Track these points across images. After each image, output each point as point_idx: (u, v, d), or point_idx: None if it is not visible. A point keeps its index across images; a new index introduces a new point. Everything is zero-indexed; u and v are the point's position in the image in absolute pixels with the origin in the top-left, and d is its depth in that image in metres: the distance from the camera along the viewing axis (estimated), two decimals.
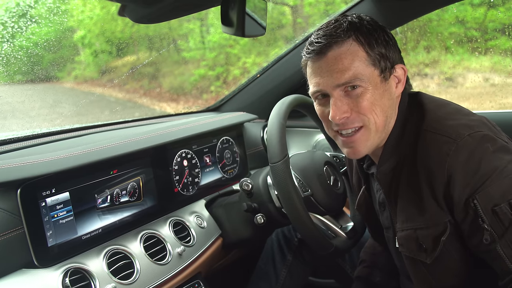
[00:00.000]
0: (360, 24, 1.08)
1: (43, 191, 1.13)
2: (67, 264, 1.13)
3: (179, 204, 1.52)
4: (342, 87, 1.07)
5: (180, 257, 1.36)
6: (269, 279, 1.65)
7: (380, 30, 1.10)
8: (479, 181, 0.98)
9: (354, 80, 1.05)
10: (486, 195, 0.98)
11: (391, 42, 1.10)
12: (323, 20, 2.04)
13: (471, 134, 1.00)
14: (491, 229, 0.98)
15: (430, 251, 1.09)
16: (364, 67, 1.06)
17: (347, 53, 1.06)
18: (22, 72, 2.05)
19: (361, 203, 1.34)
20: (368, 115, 1.08)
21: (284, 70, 2.07)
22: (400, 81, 1.12)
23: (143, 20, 1.03)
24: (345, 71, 1.05)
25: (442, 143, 1.02)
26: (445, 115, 1.07)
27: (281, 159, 1.25)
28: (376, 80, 1.07)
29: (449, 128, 1.03)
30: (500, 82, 2.78)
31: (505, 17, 2.74)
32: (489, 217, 0.98)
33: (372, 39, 1.07)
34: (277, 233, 1.71)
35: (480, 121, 1.05)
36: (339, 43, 1.07)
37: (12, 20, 2.06)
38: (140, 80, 4.97)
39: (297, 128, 2.18)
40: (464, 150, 0.99)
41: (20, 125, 2.02)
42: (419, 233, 1.10)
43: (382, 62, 1.08)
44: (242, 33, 1.05)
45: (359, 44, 1.06)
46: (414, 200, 1.09)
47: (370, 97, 1.06)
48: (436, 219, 1.06)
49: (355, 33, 1.07)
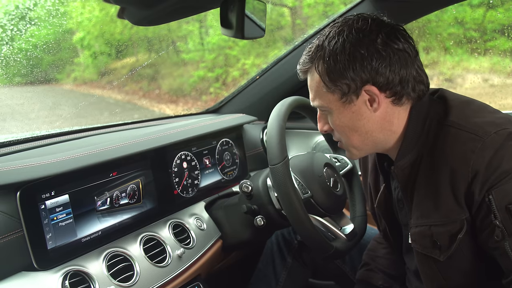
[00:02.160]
0: (324, 49, 1.08)
1: (43, 194, 1.12)
2: (66, 266, 1.13)
3: (178, 206, 1.52)
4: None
5: (180, 259, 1.36)
6: (268, 281, 1.65)
7: (350, 48, 1.04)
8: (498, 178, 0.97)
9: (318, 105, 1.15)
10: (502, 191, 0.97)
11: (360, 62, 1.04)
12: (322, 21, 2.04)
13: (498, 132, 0.99)
14: (503, 226, 0.98)
15: (445, 248, 1.09)
16: (322, 93, 1.11)
17: (311, 80, 1.14)
18: (21, 74, 2.05)
19: (381, 201, 1.32)
20: (340, 136, 1.17)
21: (283, 72, 2.07)
22: (374, 99, 1.07)
23: (142, 22, 1.03)
24: (312, 94, 1.15)
25: (468, 140, 1.01)
26: (471, 112, 1.06)
27: (280, 161, 1.24)
28: (337, 104, 1.10)
29: (475, 126, 1.02)
30: (499, 83, 2.78)
31: (504, 17, 2.74)
32: (502, 214, 0.97)
33: (331, 66, 1.06)
34: (277, 235, 1.71)
35: (506, 119, 1.04)
36: (307, 70, 1.15)
37: (11, 23, 2.07)
38: (139, 82, 4.97)
39: (297, 129, 2.18)
40: (490, 148, 0.98)
41: (19, 127, 2.02)
42: (434, 229, 1.09)
43: (344, 87, 1.06)
44: (241, 35, 1.06)
45: (318, 72, 1.10)
46: (432, 196, 1.08)
47: (336, 120, 1.13)
48: (453, 216, 1.05)
49: (317, 61, 1.10)
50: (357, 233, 1.44)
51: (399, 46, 1.05)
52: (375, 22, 1.07)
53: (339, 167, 1.53)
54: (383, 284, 1.44)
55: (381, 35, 1.04)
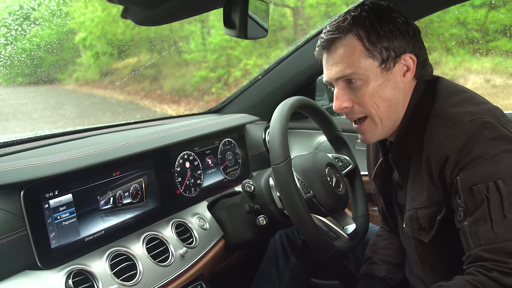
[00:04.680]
0: (364, 18, 1.14)
1: (46, 193, 1.13)
2: (70, 265, 1.13)
3: (181, 205, 1.53)
4: (342, 79, 1.17)
5: (183, 259, 1.36)
6: (272, 281, 1.65)
7: (387, 21, 1.13)
8: (468, 162, 1.01)
9: (350, 74, 1.14)
10: (468, 173, 1.01)
11: (397, 32, 1.13)
12: (324, 21, 2.05)
13: (472, 120, 1.04)
14: (464, 206, 1.01)
15: (427, 230, 1.13)
16: (361, 60, 1.13)
17: (345, 48, 1.14)
18: (24, 74, 2.06)
19: (378, 174, 1.37)
20: (368, 107, 1.16)
21: (285, 72, 2.07)
22: (409, 69, 1.16)
23: (145, 23, 1.03)
24: (342, 65, 1.15)
25: (444, 127, 1.07)
26: (453, 103, 1.11)
27: (283, 160, 1.25)
28: (375, 71, 1.14)
29: (454, 114, 1.07)
30: (501, 83, 2.79)
31: (506, 18, 2.74)
32: (466, 195, 1.01)
33: (373, 33, 1.13)
34: (280, 235, 1.71)
35: (487, 110, 1.07)
36: (340, 38, 1.15)
37: (15, 23, 2.07)
38: (142, 82, 4.98)
39: (299, 129, 2.18)
40: (462, 134, 1.03)
41: (22, 127, 2.03)
42: (419, 212, 1.14)
43: (384, 53, 1.13)
44: (244, 35, 1.06)
45: (358, 39, 1.13)
46: (418, 181, 1.14)
47: (369, 89, 1.14)
48: (433, 199, 1.10)
49: (356, 28, 1.14)
50: (359, 232, 1.44)
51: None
52: (392, 7, 1.19)
53: (341, 167, 1.54)
54: (386, 274, 1.44)
55: (404, 18, 1.17)
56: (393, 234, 1.47)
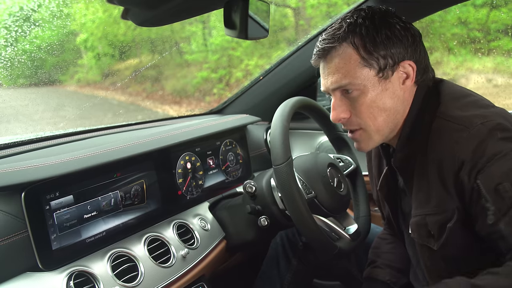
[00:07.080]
0: (359, 25, 1.11)
1: (47, 195, 1.13)
2: (71, 267, 1.13)
3: (182, 206, 1.52)
4: (338, 90, 1.15)
5: (184, 260, 1.36)
6: (273, 283, 1.64)
7: (384, 27, 1.10)
8: (484, 163, 0.99)
9: (347, 85, 1.12)
10: (487, 174, 0.98)
11: (395, 39, 1.10)
12: (326, 22, 2.05)
13: (484, 123, 1.01)
14: (494, 208, 0.98)
15: (436, 237, 1.10)
16: (357, 70, 1.10)
17: (341, 57, 1.12)
18: (25, 75, 2.06)
19: (383, 184, 1.34)
20: (365, 119, 1.14)
21: (287, 72, 2.07)
22: (408, 76, 1.13)
23: (146, 23, 1.03)
24: (338, 75, 1.12)
25: (454, 131, 1.03)
26: (460, 106, 1.09)
27: (284, 161, 1.24)
28: (372, 81, 1.11)
29: (463, 118, 1.04)
30: (503, 83, 2.78)
31: (507, 17, 2.74)
32: (493, 196, 0.98)
33: (369, 41, 1.09)
34: (281, 237, 1.70)
35: (496, 113, 1.05)
36: (336, 48, 1.12)
37: (16, 24, 2.07)
38: (143, 83, 4.98)
39: (301, 130, 2.18)
40: (475, 137, 1.00)
41: (23, 128, 2.03)
42: (428, 219, 1.11)
43: (381, 61, 1.10)
44: (245, 35, 1.06)
45: (353, 48, 1.10)
46: (425, 186, 1.11)
47: (366, 100, 1.12)
48: (444, 205, 1.07)
49: (351, 36, 1.11)
50: (361, 233, 1.44)
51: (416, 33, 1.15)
52: (390, 12, 1.15)
53: (343, 167, 1.53)
54: (390, 279, 1.43)
55: (402, 23, 1.13)
56: (397, 238, 1.46)
